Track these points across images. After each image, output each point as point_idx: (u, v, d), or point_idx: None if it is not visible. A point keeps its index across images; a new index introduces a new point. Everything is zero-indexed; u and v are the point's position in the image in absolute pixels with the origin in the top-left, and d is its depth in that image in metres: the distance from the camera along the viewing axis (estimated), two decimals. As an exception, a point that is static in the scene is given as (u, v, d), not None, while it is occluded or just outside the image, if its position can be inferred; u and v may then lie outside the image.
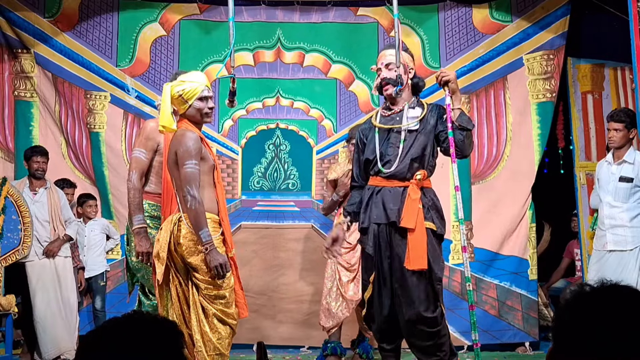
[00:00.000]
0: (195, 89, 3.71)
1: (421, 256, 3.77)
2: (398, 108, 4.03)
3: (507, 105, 6.37)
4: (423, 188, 3.92)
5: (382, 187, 3.95)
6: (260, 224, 6.40)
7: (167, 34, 6.51)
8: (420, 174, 3.88)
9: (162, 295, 3.74)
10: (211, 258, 3.53)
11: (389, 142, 3.98)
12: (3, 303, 5.13)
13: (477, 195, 6.29)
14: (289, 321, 6.25)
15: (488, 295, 6.17)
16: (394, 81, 3.98)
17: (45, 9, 6.39)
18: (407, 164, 3.91)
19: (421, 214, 3.82)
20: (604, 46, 6.17)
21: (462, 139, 3.89)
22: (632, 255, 4.76)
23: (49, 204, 5.54)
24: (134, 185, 4.13)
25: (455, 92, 3.93)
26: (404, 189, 3.89)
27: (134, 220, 4.12)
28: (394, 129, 3.99)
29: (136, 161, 4.20)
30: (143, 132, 4.30)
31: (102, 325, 1.40)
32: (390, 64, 4.02)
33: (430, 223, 3.86)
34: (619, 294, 1.31)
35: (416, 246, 3.78)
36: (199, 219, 3.54)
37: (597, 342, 1.23)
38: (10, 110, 6.40)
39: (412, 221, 3.79)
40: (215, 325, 3.63)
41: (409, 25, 6.40)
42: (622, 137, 4.86)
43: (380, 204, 3.92)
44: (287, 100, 6.53)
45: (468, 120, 3.93)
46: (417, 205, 3.83)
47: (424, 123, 3.97)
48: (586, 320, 1.27)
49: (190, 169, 3.58)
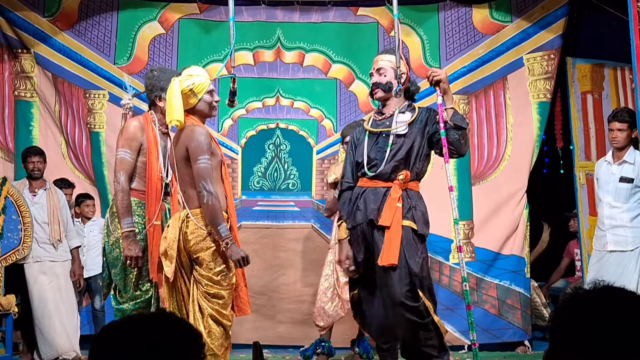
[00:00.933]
0: (205, 83, 3.71)
1: (393, 252, 3.78)
2: (389, 112, 4.06)
3: (507, 105, 6.37)
4: (407, 190, 3.94)
5: (367, 188, 4.00)
6: (260, 224, 6.40)
7: (166, 33, 6.51)
8: (402, 175, 3.90)
9: (170, 294, 3.74)
10: (232, 252, 3.54)
11: (377, 145, 4.02)
12: (3, 303, 5.13)
13: (478, 196, 6.30)
14: (288, 321, 6.25)
15: (488, 294, 6.18)
16: (382, 85, 4.03)
17: (45, 8, 6.39)
18: (392, 166, 3.94)
19: (399, 212, 3.85)
20: (603, 46, 6.17)
21: (457, 137, 3.89)
22: (632, 255, 4.75)
23: (48, 205, 5.52)
24: (122, 187, 3.98)
25: (446, 91, 3.93)
26: (387, 189, 3.93)
27: (123, 224, 3.96)
28: (383, 133, 4.02)
29: (122, 162, 4.04)
30: (126, 132, 4.09)
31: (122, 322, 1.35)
32: (381, 68, 4.06)
33: (409, 222, 3.87)
34: (612, 295, 1.33)
35: (390, 243, 3.81)
36: (217, 213, 3.54)
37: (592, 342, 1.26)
38: (11, 110, 6.40)
39: (389, 219, 3.83)
40: (209, 325, 3.62)
41: (409, 25, 6.40)
42: (625, 137, 4.86)
43: (363, 204, 3.96)
44: (287, 100, 6.53)
45: (462, 119, 3.93)
46: (396, 203, 3.86)
47: (413, 127, 3.99)
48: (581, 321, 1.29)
49: (204, 164, 3.57)
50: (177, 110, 3.62)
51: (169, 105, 3.67)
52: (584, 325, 1.28)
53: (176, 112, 3.62)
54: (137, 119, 4.19)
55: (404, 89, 4.06)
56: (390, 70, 4.05)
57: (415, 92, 4.21)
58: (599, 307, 1.30)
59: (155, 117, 4.17)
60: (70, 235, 5.67)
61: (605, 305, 1.30)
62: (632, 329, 1.26)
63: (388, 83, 4.04)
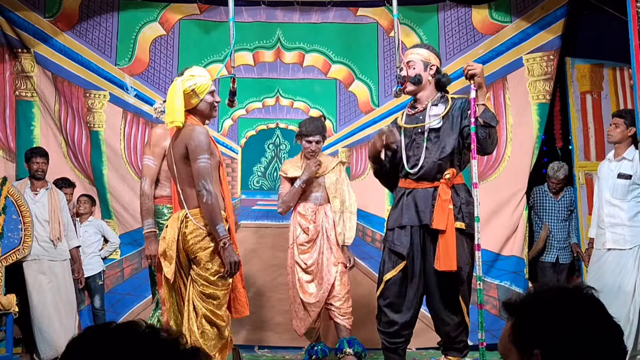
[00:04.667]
0: (206, 83, 3.72)
1: (450, 257, 3.80)
2: (422, 106, 4.04)
3: (507, 106, 6.37)
4: (455, 186, 3.93)
5: (413, 189, 3.97)
6: (259, 224, 6.41)
7: (166, 34, 6.52)
8: (449, 173, 3.89)
9: (169, 294, 3.74)
10: (227, 254, 3.53)
11: (414, 142, 3.99)
12: (3, 302, 5.13)
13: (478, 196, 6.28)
14: (288, 321, 6.23)
15: (489, 295, 6.18)
16: (412, 78, 4.01)
17: (46, 9, 6.40)
18: (435, 164, 3.92)
19: (452, 214, 3.85)
20: (602, 46, 6.18)
21: (485, 135, 3.84)
22: (630, 254, 4.76)
23: (49, 204, 5.54)
24: (144, 191, 4.31)
25: (481, 86, 3.85)
26: (435, 189, 3.91)
27: (144, 225, 4.27)
28: (417, 129, 3.99)
29: (146, 168, 4.39)
30: (151, 139, 4.46)
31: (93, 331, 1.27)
32: (411, 61, 4.04)
33: (460, 223, 3.88)
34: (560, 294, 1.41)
35: (446, 248, 3.82)
36: (215, 214, 3.53)
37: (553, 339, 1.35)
38: (12, 110, 6.41)
39: (443, 223, 3.82)
40: (203, 325, 3.61)
41: (408, 26, 6.40)
42: (619, 132, 4.88)
43: (412, 206, 3.95)
44: (287, 100, 6.54)
45: (492, 117, 3.87)
46: (448, 205, 3.85)
47: (447, 120, 3.95)
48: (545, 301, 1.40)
49: (204, 164, 3.56)
50: (178, 112, 3.61)
51: (169, 105, 3.67)
52: (548, 303, 1.38)
53: (177, 114, 3.61)
54: (161, 126, 4.43)
55: (436, 81, 4.04)
56: (420, 62, 4.03)
57: (447, 83, 4.15)
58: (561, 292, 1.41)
59: None
60: (70, 235, 5.69)
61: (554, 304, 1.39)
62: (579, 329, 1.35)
63: (417, 75, 4.01)
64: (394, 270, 3.97)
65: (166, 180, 4.38)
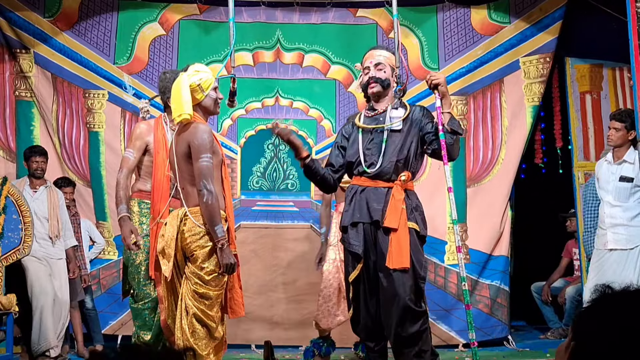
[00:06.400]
0: (210, 79, 3.73)
1: (404, 255, 3.80)
2: (381, 108, 4.07)
3: (503, 108, 6.37)
4: (406, 190, 3.95)
5: (366, 187, 3.98)
6: (259, 224, 6.41)
7: (166, 34, 6.53)
8: (404, 175, 3.92)
9: (168, 293, 3.74)
10: (224, 255, 3.52)
11: (372, 142, 4.01)
12: (3, 302, 5.13)
13: (472, 198, 6.30)
14: (287, 321, 6.25)
15: (481, 294, 6.20)
16: (382, 81, 4.04)
17: (45, 8, 6.40)
18: (392, 165, 3.94)
19: (404, 214, 3.86)
20: (602, 46, 6.19)
21: (451, 142, 3.90)
22: (632, 254, 4.77)
23: (48, 201, 5.55)
24: (119, 181, 4.36)
25: (445, 95, 3.93)
26: (389, 189, 3.93)
27: (119, 210, 4.28)
28: (377, 129, 4.02)
29: (124, 160, 4.44)
30: (133, 133, 4.50)
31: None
32: (380, 64, 4.07)
33: (413, 223, 3.89)
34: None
35: (399, 245, 3.81)
36: (214, 214, 3.52)
37: (618, 346, 1.23)
38: (12, 110, 6.42)
39: (396, 221, 3.83)
40: (193, 324, 3.58)
41: (407, 27, 6.41)
42: (620, 136, 4.89)
43: (364, 203, 3.95)
44: (286, 100, 6.55)
45: (458, 125, 3.95)
46: (401, 205, 3.86)
47: (407, 123, 4.00)
48: (609, 323, 1.26)
49: (206, 163, 3.56)
50: (187, 105, 3.60)
51: (176, 100, 3.63)
52: (612, 328, 1.25)
53: (186, 106, 3.59)
54: (146, 122, 4.50)
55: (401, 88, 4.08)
56: (389, 67, 4.07)
57: (404, 92, 4.19)
58: (630, 309, 1.27)
59: (168, 118, 4.29)
60: (67, 234, 5.70)
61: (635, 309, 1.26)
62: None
63: (387, 80, 4.05)
64: (355, 271, 3.97)
65: (147, 175, 4.40)
